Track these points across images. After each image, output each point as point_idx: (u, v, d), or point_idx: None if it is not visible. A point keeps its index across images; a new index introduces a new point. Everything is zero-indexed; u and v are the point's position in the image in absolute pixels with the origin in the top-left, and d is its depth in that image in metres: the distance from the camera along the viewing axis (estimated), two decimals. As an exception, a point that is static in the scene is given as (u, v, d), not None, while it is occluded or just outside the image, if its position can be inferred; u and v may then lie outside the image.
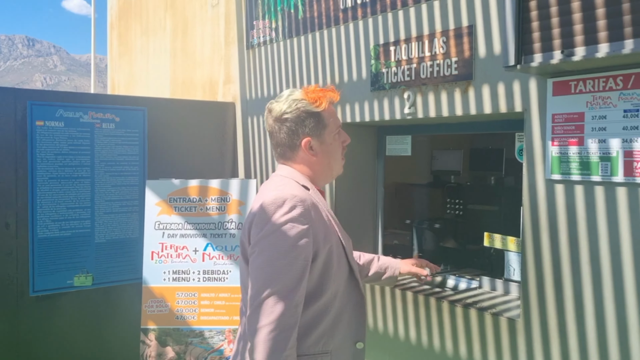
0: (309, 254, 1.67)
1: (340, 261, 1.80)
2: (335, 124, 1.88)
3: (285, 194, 1.69)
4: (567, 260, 2.62)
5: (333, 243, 1.78)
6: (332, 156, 1.89)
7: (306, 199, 1.71)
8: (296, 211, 1.66)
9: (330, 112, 1.86)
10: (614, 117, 2.42)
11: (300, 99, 1.82)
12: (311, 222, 1.69)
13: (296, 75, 4.34)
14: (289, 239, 1.63)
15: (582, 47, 2.27)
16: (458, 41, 3.07)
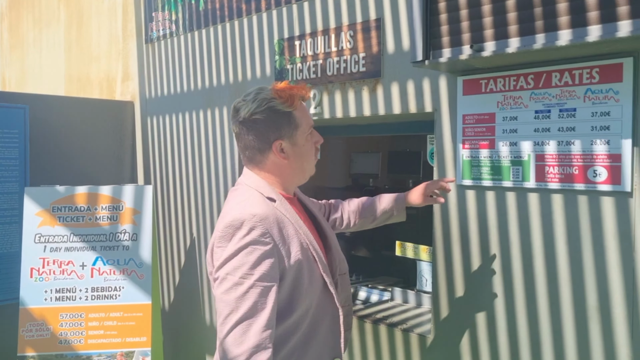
0: (274, 274, 1.57)
1: (312, 276, 1.69)
2: (308, 124, 1.76)
3: (244, 214, 1.58)
4: (479, 272, 2.44)
5: (303, 258, 1.66)
6: (305, 158, 1.78)
7: (267, 216, 1.61)
8: (255, 232, 1.56)
9: (302, 112, 1.73)
10: (525, 118, 2.26)
11: (270, 98, 1.67)
12: (274, 240, 1.59)
13: (197, 71, 3.99)
14: (249, 263, 1.53)
15: (492, 41, 2.09)
16: (366, 35, 2.84)
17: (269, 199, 1.69)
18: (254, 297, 1.51)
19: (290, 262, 1.62)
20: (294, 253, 1.63)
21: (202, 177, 3.99)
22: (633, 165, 2.00)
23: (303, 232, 1.70)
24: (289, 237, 1.65)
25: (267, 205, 1.66)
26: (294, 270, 1.63)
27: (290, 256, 1.62)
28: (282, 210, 1.69)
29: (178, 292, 4.31)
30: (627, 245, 2.02)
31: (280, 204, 1.70)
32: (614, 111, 2.03)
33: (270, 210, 1.65)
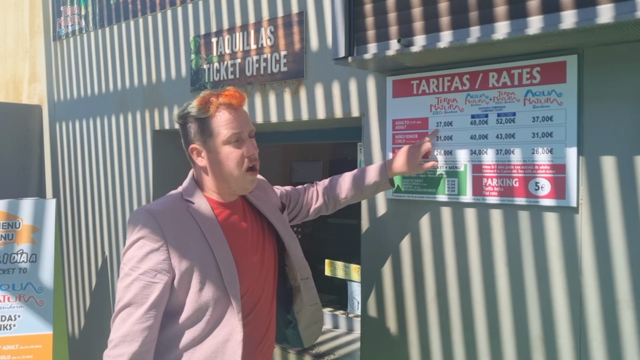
0: (162, 271, 1.59)
1: (205, 284, 1.63)
2: (230, 133, 1.67)
3: (142, 209, 1.65)
4: (412, 296, 2.16)
5: (196, 264, 1.63)
6: (224, 168, 1.70)
7: (164, 214, 1.64)
8: (147, 228, 1.60)
9: (221, 119, 1.67)
10: (460, 123, 2.00)
11: (192, 104, 1.70)
12: (166, 239, 1.60)
13: (109, 72, 3.60)
14: (138, 257, 1.59)
15: (422, 35, 1.82)
16: (287, 31, 2.54)
17: (186, 200, 1.71)
18: (135, 290, 1.57)
19: (180, 264, 1.61)
20: (186, 256, 1.62)
21: (114, 189, 3.58)
22: (579, 177, 1.77)
23: (213, 240, 1.66)
24: (187, 239, 1.64)
25: (175, 205, 1.69)
26: (182, 273, 1.61)
27: (181, 258, 1.61)
28: (196, 213, 1.69)
29: (89, 317, 3.87)
30: (573, 268, 1.79)
31: (198, 207, 1.70)
32: (557, 116, 1.80)
33: (176, 210, 1.68)
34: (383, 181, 2.03)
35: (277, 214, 1.90)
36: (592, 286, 1.76)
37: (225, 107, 1.67)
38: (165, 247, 1.60)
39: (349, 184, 2.06)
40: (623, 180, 1.70)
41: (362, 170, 2.07)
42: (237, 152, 1.68)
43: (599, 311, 1.75)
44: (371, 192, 2.09)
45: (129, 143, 3.46)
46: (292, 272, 1.88)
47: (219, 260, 1.64)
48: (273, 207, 1.91)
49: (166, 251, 1.60)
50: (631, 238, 1.69)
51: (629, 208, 1.69)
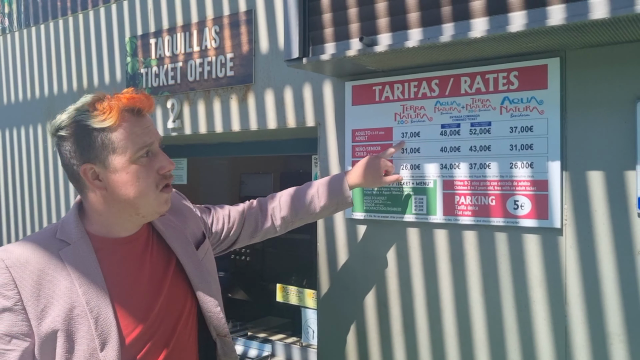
0: (18, 335, 1.24)
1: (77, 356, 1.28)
2: (137, 144, 1.31)
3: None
4: (375, 328, 1.92)
5: (62, 327, 1.26)
6: (134, 190, 1.32)
7: (25, 262, 1.27)
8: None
9: (126, 129, 1.29)
10: (429, 134, 1.79)
11: (83, 110, 1.29)
12: (21, 294, 1.25)
13: (35, 76, 3.24)
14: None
15: (387, 33, 1.60)
16: (234, 31, 2.28)
17: (59, 240, 1.33)
18: None
19: (40, 327, 1.26)
20: (49, 317, 1.27)
21: (40, 205, 3.22)
22: (562, 195, 1.57)
23: (88, 294, 1.30)
24: (52, 295, 1.28)
25: (42, 248, 1.32)
26: (43, 339, 1.26)
27: (41, 320, 1.26)
28: (68, 258, 1.31)
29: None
30: (557, 297, 1.59)
31: (73, 249, 1.32)
32: (538, 125, 1.60)
33: (41, 254, 1.30)
34: (344, 196, 1.74)
35: (189, 248, 1.49)
36: (579, 317, 1.56)
37: (130, 113, 1.30)
38: (20, 304, 1.25)
39: (303, 201, 1.75)
40: (612, 198, 1.51)
41: (318, 184, 1.77)
42: (149, 169, 1.33)
43: (586, 346, 1.55)
44: (330, 210, 1.78)
45: (57, 154, 3.10)
46: (207, 324, 1.50)
47: (94, 321, 1.28)
48: (185, 240, 1.50)
49: (22, 310, 1.25)
50: (621, 263, 1.50)
51: (619, 229, 1.50)
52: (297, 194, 1.77)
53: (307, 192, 1.76)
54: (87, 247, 1.33)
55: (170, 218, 1.50)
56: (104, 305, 1.29)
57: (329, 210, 1.77)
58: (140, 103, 1.31)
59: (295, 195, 1.77)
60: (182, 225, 1.52)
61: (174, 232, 1.48)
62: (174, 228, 1.49)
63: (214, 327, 1.49)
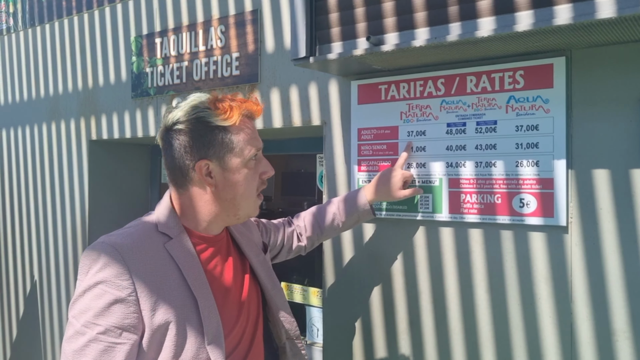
0: (129, 329, 1.20)
1: (184, 348, 1.25)
2: (251, 148, 1.34)
3: (105, 244, 1.24)
4: (381, 326, 1.93)
5: (174, 319, 1.24)
6: (240, 191, 1.34)
7: (134, 250, 1.24)
8: (110, 270, 1.20)
9: (244, 130, 1.33)
10: (435, 133, 1.80)
11: (203, 107, 1.30)
12: (135, 285, 1.21)
13: (40, 75, 3.24)
14: (95, 309, 1.19)
15: (394, 32, 1.61)
16: (240, 31, 2.29)
17: (161, 233, 1.32)
18: (93, 355, 1.17)
19: (153, 318, 1.22)
20: (161, 308, 1.24)
21: (45, 206, 3.22)
22: (568, 193, 1.58)
23: (196, 288, 1.29)
24: (163, 286, 1.26)
25: (149, 239, 1.30)
26: (154, 330, 1.23)
27: (154, 311, 1.23)
28: (175, 251, 1.31)
29: (16, 349, 3.46)
30: (563, 294, 1.60)
31: (177, 243, 1.32)
32: (544, 124, 1.61)
33: (150, 245, 1.28)
34: (365, 210, 1.77)
35: (260, 255, 1.54)
36: (584, 314, 1.57)
37: (246, 117, 1.34)
38: (134, 295, 1.22)
39: (325, 220, 1.78)
40: (617, 196, 1.52)
41: (337, 202, 1.80)
42: (255, 172, 1.36)
43: (592, 343, 1.56)
44: (352, 224, 1.81)
45: (62, 154, 3.11)
46: (276, 328, 1.52)
47: (203, 314, 1.28)
48: (256, 247, 1.55)
49: (135, 301, 1.22)
50: (627, 260, 1.51)
51: (625, 227, 1.51)
52: (319, 213, 1.80)
53: (327, 210, 1.79)
54: (187, 242, 1.33)
55: (241, 227, 1.54)
56: (210, 299, 1.30)
57: (351, 223, 1.80)
58: (254, 107, 1.34)
59: (317, 215, 1.80)
60: (249, 233, 1.57)
61: (247, 240, 1.52)
62: (247, 236, 1.53)
63: (286, 331, 1.51)
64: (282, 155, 3.69)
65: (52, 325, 3.20)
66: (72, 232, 3.05)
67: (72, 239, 3.05)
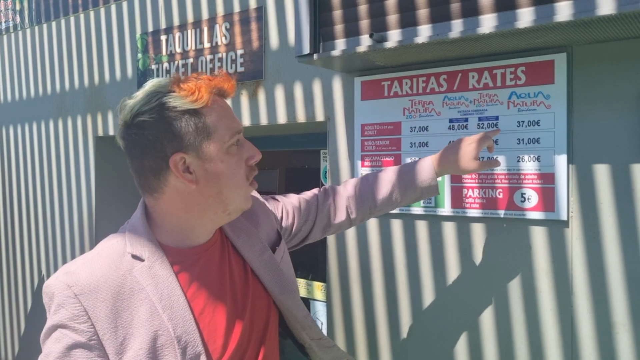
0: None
1: None
2: (230, 130, 1.12)
3: (58, 281, 1.05)
4: (384, 319, 1.96)
5: (143, 357, 1.05)
6: (226, 182, 1.12)
7: (96, 288, 1.05)
8: (65, 312, 1.03)
9: (217, 111, 1.10)
10: (437, 128, 1.82)
11: (165, 92, 1.07)
12: (95, 327, 1.04)
13: (47, 72, 3.28)
14: (55, 354, 1.02)
15: (397, 29, 1.63)
16: (244, 28, 2.31)
17: (133, 256, 1.11)
18: None
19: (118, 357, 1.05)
20: (131, 351, 1.05)
21: (52, 202, 3.26)
22: (569, 188, 1.60)
23: (174, 320, 1.09)
24: (131, 323, 1.07)
25: (113, 269, 1.09)
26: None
27: (122, 354, 1.05)
28: (144, 278, 1.10)
29: (25, 342, 3.51)
30: (563, 287, 1.62)
31: (148, 266, 1.10)
32: (545, 120, 1.63)
33: (113, 277, 1.08)
34: (431, 184, 1.47)
35: (265, 254, 1.28)
36: (585, 308, 1.59)
37: (218, 96, 1.13)
38: (96, 338, 1.04)
39: (384, 191, 1.49)
40: (618, 191, 1.54)
41: (400, 171, 1.50)
42: (239, 159, 1.14)
43: (592, 336, 1.58)
44: (412, 199, 1.51)
45: (69, 151, 3.14)
46: (296, 331, 1.32)
47: (181, 352, 1.08)
48: (260, 246, 1.29)
49: (98, 345, 1.05)
50: (627, 254, 1.53)
51: (625, 221, 1.53)
52: (377, 182, 1.51)
53: (387, 179, 1.50)
54: (163, 263, 1.12)
55: (242, 220, 1.30)
56: (192, 331, 1.10)
57: (411, 199, 1.51)
58: (227, 83, 1.13)
59: (374, 184, 1.51)
60: (255, 228, 1.32)
61: (248, 238, 1.28)
62: (247, 233, 1.29)
63: (307, 334, 1.31)
64: (286, 151, 3.72)
65: (59, 319, 3.24)
66: (79, 228, 3.09)
67: (80, 235, 3.09)
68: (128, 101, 1.10)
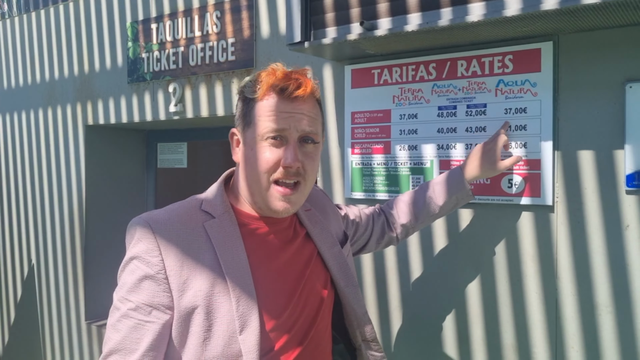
0: (159, 306, 1.14)
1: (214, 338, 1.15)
2: (268, 125, 1.19)
3: (141, 218, 1.20)
4: (374, 303, 2.00)
5: (202, 304, 1.15)
6: (250, 170, 1.23)
7: (168, 227, 1.19)
8: (142, 245, 1.17)
9: (266, 106, 1.20)
10: (426, 116, 1.85)
11: (252, 79, 1.25)
12: (164, 262, 1.16)
13: (36, 61, 3.27)
14: (128, 284, 1.16)
15: (387, 18, 1.65)
16: (235, 17, 2.33)
17: (204, 212, 1.24)
18: (124, 331, 1.14)
19: (181, 301, 1.15)
20: (191, 291, 1.16)
21: (42, 191, 3.26)
22: (554, 174, 1.64)
23: (232, 272, 1.18)
24: (195, 267, 1.17)
25: (187, 217, 1.22)
26: (182, 315, 1.15)
27: (182, 293, 1.15)
28: (213, 231, 1.21)
29: (14, 332, 3.51)
30: (548, 271, 1.66)
31: (218, 222, 1.23)
32: (532, 107, 1.67)
33: (187, 223, 1.21)
34: (464, 191, 1.61)
35: (335, 247, 1.37)
36: (569, 290, 1.64)
37: (276, 91, 1.19)
38: (163, 273, 1.16)
39: (421, 205, 1.62)
40: (601, 177, 1.58)
41: (433, 185, 1.63)
42: (271, 154, 1.19)
43: (576, 317, 1.63)
44: (449, 208, 1.64)
45: (59, 140, 3.14)
46: (351, 328, 1.38)
47: (236, 301, 1.16)
48: (331, 240, 1.37)
49: (165, 280, 1.16)
50: (610, 238, 1.57)
51: (608, 206, 1.57)
52: (414, 199, 1.64)
53: (423, 195, 1.63)
54: (231, 222, 1.23)
55: (317, 214, 1.40)
56: (247, 285, 1.18)
57: (449, 208, 1.63)
58: (292, 82, 1.19)
59: (412, 201, 1.64)
60: (325, 220, 1.41)
61: (321, 230, 1.37)
62: (322, 226, 1.38)
63: (360, 332, 1.38)
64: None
65: (50, 308, 3.25)
66: (70, 216, 3.09)
67: (70, 224, 3.09)
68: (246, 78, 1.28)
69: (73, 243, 3.08)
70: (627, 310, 1.55)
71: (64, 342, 3.16)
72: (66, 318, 3.14)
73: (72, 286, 3.07)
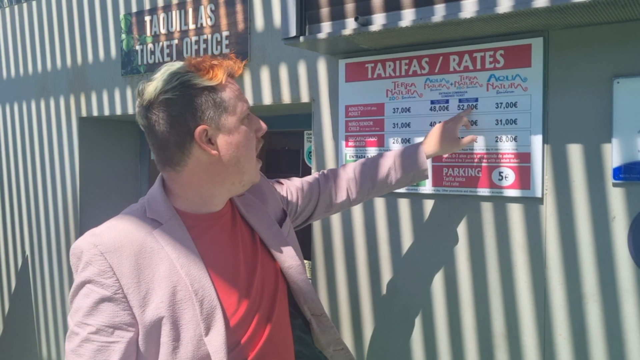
0: (121, 325, 1.15)
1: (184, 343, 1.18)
2: (242, 104, 1.27)
3: (85, 241, 1.18)
4: (367, 293, 2.04)
5: (167, 313, 1.17)
6: (244, 151, 1.26)
7: (120, 247, 1.17)
8: (92, 269, 1.15)
9: (231, 88, 1.25)
10: (419, 109, 1.89)
11: (183, 72, 1.20)
12: (120, 282, 1.15)
13: (28, 52, 3.26)
14: (84, 308, 1.15)
15: (381, 13, 1.68)
16: (229, 10, 2.34)
17: (153, 220, 1.23)
18: (87, 355, 1.13)
19: (144, 315, 1.16)
20: (153, 304, 1.17)
21: (35, 183, 3.26)
22: (544, 166, 1.69)
23: (192, 276, 1.20)
24: (152, 279, 1.18)
25: (134, 230, 1.21)
26: (148, 328, 1.16)
27: (144, 308, 1.16)
28: (164, 238, 1.22)
29: (9, 323, 3.53)
30: (537, 261, 1.71)
31: (167, 228, 1.23)
32: (522, 102, 1.71)
33: (135, 237, 1.20)
34: (421, 169, 1.64)
35: (274, 227, 1.41)
36: (557, 280, 1.69)
37: (229, 76, 1.25)
38: (121, 292, 1.15)
39: (380, 174, 1.65)
40: (590, 170, 1.63)
41: (394, 156, 1.66)
42: (250, 130, 1.27)
43: (564, 306, 1.68)
44: (405, 182, 1.67)
45: (52, 132, 3.14)
46: (299, 304, 1.42)
47: (199, 304, 1.19)
48: (268, 221, 1.41)
49: (124, 299, 1.15)
50: (597, 229, 1.62)
51: (596, 198, 1.62)
52: (373, 165, 1.67)
53: (383, 163, 1.66)
54: (180, 225, 1.24)
55: (251, 197, 1.43)
56: (207, 286, 1.20)
57: (404, 182, 1.67)
58: (234, 66, 1.26)
59: (371, 167, 1.66)
60: (263, 204, 1.44)
61: (256, 212, 1.40)
62: (256, 208, 1.41)
63: (308, 307, 1.42)
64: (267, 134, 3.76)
65: (44, 300, 3.26)
66: (64, 208, 3.10)
67: (64, 215, 3.10)
68: (148, 83, 1.21)
69: (67, 234, 3.09)
70: (613, 299, 1.60)
71: (59, 333, 3.18)
72: (61, 308, 3.17)
73: (67, 277, 3.09)
